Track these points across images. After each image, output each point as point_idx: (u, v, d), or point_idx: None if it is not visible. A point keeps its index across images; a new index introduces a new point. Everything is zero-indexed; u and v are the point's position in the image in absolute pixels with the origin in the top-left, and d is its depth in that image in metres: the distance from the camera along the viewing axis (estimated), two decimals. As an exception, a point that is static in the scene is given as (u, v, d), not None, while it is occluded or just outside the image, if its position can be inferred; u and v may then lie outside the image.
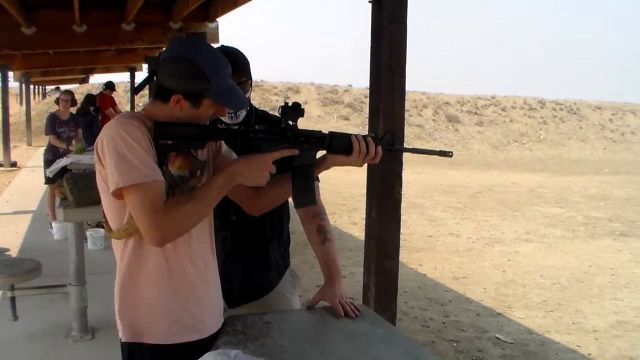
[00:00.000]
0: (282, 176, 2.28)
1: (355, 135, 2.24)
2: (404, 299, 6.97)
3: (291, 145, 2.16)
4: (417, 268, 8.67)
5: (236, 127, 2.66)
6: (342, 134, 2.25)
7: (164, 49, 2.09)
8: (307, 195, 2.25)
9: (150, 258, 2.07)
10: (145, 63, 13.05)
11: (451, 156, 2.37)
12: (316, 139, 2.22)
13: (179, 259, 2.11)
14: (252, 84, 2.74)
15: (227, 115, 2.62)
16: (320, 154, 2.30)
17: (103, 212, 2.12)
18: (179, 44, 2.07)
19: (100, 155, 1.97)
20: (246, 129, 2.19)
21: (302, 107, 2.20)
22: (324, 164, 2.30)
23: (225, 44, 2.67)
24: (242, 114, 2.67)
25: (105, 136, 1.95)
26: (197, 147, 2.13)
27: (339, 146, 2.23)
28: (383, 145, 2.28)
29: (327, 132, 2.24)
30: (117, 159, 1.90)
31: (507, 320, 6.68)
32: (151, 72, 2.09)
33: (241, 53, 2.65)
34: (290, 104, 2.19)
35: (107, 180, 1.96)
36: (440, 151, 2.36)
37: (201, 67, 1.99)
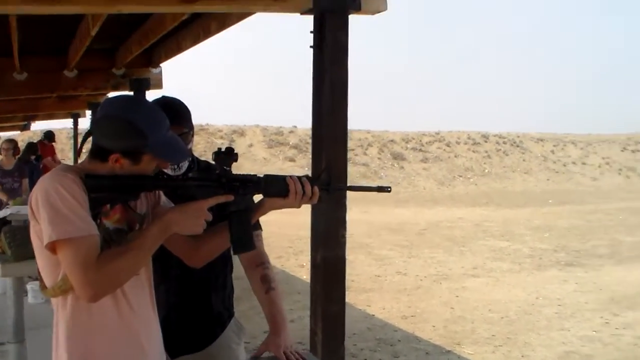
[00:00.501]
0: (219, 225, 2.26)
1: (291, 176, 2.23)
2: (352, 340, 6.96)
3: (226, 191, 2.15)
4: (365, 309, 8.66)
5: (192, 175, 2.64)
6: (277, 176, 2.24)
7: (100, 107, 2.07)
8: (245, 240, 2.23)
9: (90, 313, 2.02)
10: (89, 109, 12.91)
11: (389, 191, 2.36)
12: (251, 183, 2.20)
13: (120, 312, 2.07)
14: (194, 134, 2.74)
15: (170, 167, 2.60)
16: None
17: (37, 268, 2.07)
18: (112, 102, 2.06)
19: (34, 210, 1.94)
20: (179, 178, 2.17)
21: (235, 151, 2.19)
22: (261, 208, 2.29)
23: (166, 95, 2.67)
24: (185, 165, 2.66)
25: (40, 190, 1.92)
26: (130, 199, 2.11)
27: (275, 189, 2.22)
28: (319, 185, 2.27)
29: (262, 176, 2.24)
30: (51, 212, 1.87)
31: (457, 357, 6.71)
32: (87, 131, 2.08)
33: (182, 103, 2.65)
34: (223, 149, 2.18)
35: (40, 236, 1.92)
36: (378, 187, 2.35)
37: (137, 124, 1.98)
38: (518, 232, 16.76)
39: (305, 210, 3.53)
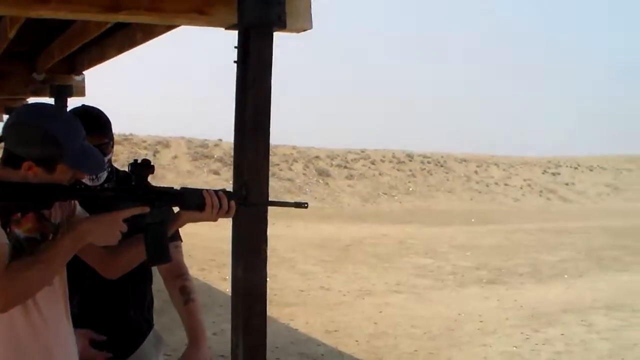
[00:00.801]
0: (136, 236, 2.21)
1: (207, 190, 2.21)
2: (275, 354, 6.89)
3: (142, 202, 2.11)
4: (288, 323, 8.61)
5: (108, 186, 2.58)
6: (194, 189, 2.22)
7: (13, 113, 2.01)
8: (161, 253, 2.19)
9: (2, 326, 1.94)
10: (6, 114, 12.57)
11: (306, 207, 2.37)
12: (168, 195, 2.19)
13: (32, 324, 2.00)
14: (114, 144, 2.68)
15: (88, 178, 2.54)
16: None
17: None
18: (28, 109, 2.04)
19: None
20: (94, 188, 2.13)
21: (151, 163, 2.17)
22: (178, 221, 2.27)
23: (86, 104, 2.64)
24: (103, 175, 2.61)
25: None
26: (43, 207, 2.05)
27: (191, 202, 2.20)
28: (237, 200, 2.25)
29: (179, 188, 2.22)
30: None
31: (379, 372, 6.71)
32: (0, 137, 2.01)
33: (102, 113, 2.63)
34: (139, 161, 2.15)
35: None
36: (295, 203, 2.37)
37: (53, 133, 1.93)
38: (441, 250, 16.96)
39: (228, 223, 3.49)
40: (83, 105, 2.63)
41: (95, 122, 2.53)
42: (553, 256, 16.21)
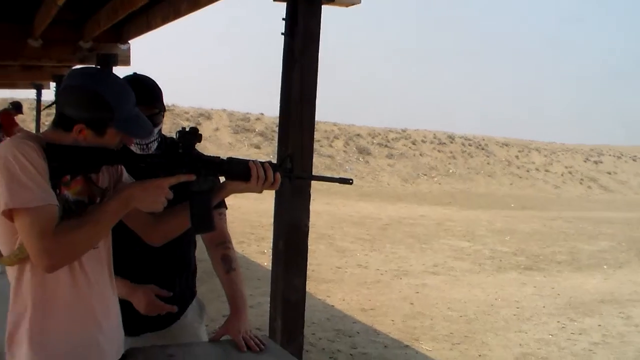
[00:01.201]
0: (180, 204, 2.22)
1: (254, 161, 2.20)
2: (311, 330, 6.90)
3: (189, 170, 2.11)
4: (325, 299, 8.62)
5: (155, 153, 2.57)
6: (240, 159, 2.21)
7: (66, 77, 2.02)
8: (205, 221, 2.19)
9: (47, 285, 1.98)
10: (54, 81, 12.68)
11: (351, 183, 2.35)
12: (214, 164, 2.18)
13: (76, 286, 2.03)
14: (164, 114, 2.67)
15: (138, 146, 2.54)
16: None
17: None
18: (80, 72, 2.02)
19: None
20: (142, 154, 2.12)
21: (199, 132, 2.16)
22: (223, 191, 2.26)
23: (138, 72, 2.62)
24: (153, 145, 2.59)
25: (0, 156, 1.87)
26: (91, 171, 2.07)
27: (237, 172, 2.19)
28: (282, 172, 2.24)
29: (225, 158, 2.21)
30: (8, 178, 1.83)
31: (415, 352, 6.69)
32: (53, 101, 2.02)
33: (154, 83, 2.63)
34: (187, 129, 2.15)
35: None
36: (340, 178, 2.35)
37: (104, 97, 1.95)
38: (479, 233, 16.84)
39: (269, 197, 3.47)
40: (135, 74, 2.61)
41: (148, 91, 2.54)
42: (592, 245, 15.99)
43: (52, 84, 13.54)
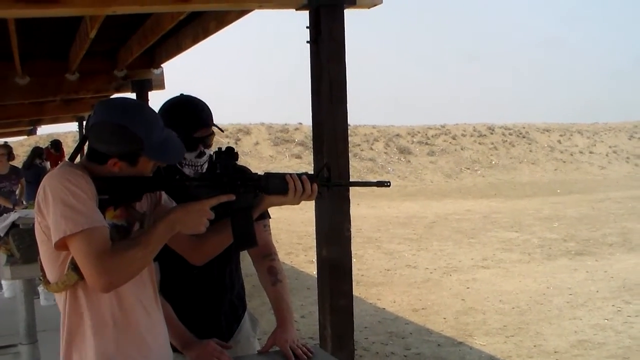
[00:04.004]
0: (220, 222, 2.26)
1: (290, 174, 2.25)
2: (364, 334, 6.94)
3: (228, 190, 2.17)
4: (375, 302, 8.64)
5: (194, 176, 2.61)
6: (277, 174, 2.26)
7: (92, 112, 2.07)
8: (248, 238, 2.25)
9: (95, 309, 2.04)
10: (92, 113, 12.91)
11: (389, 186, 2.38)
12: (252, 181, 2.24)
13: (123, 310, 2.08)
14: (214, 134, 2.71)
15: (191, 168, 2.59)
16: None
17: (40, 264, 2.07)
18: (105, 108, 2.06)
19: (41, 205, 1.95)
20: (181, 178, 2.18)
21: (235, 151, 2.22)
22: (261, 205, 2.31)
23: (188, 94, 2.65)
24: (205, 166, 2.63)
25: (49, 185, 1.93)
26: (134, 200, 2.13)
27: (275, 187, 2.25)
28: (319, 182, 2.28)
29: (262, 174, 2.26)
30: (62, 207, 1.88)
31: (469, 348, 6.68)
32: (83, 137, 2.08)
33: (203, 104, 2.63)
34: (223, 149, 2.21)
35: (46, 231, 1.94)
36: (377, 182, 2.38)
37: (131, 129, 2.00)
38: (527, 223, 16.70)
39: (313, 205, 3.51)
40: (182, 95, 2.64)
41: (199, 114, 2.57)
42: (644, 224, 15.76)
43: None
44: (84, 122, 17.03)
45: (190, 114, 2.56)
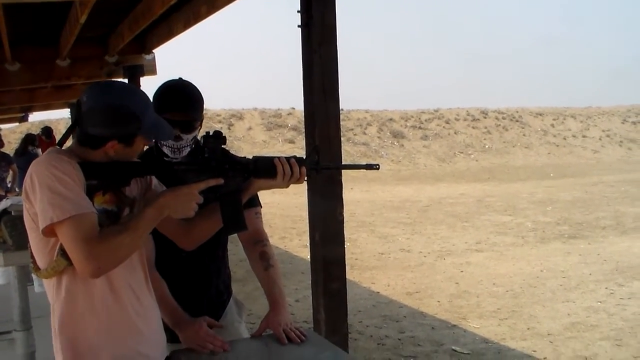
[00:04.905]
0: (209, 207, 2.27)
1: (279, 157, 2.25)
2: (358, 318, 6.95)
3: (216, 174, 2.17)
4: (370, 286, 8.66)
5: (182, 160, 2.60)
6: (265, 157, 2.26)
7: (83, 97, 2.05)
8: (237, 221, 2.25)
9: (85, 295, 2.04)
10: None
11: (378, 168, 2.39)
12: (240, 165, 2.24)
13: (114, 295, 2.08)
14: (202, 122, 2.70)
15: (169, 149, 2.59)
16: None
17: (30, 251, 2.06)
18: (100, 90, 2.05)
19: (29, 192, 1.94)
20: (170, 162, 2.17)
21: (223, 135, 2.22)
22: (250, 189, 2.31)
23: (183, 78, 2.64)
24: (186, 150, 2.62)
25: (36, 172, 1.93)
26: (123, 185, 2.12)
27: (263, 170, 2.25)
28: (308, 165, 2.28)
29: (250, 158, 2.26)
30: (49, 194, 1.88)
31: (463, 331, 6.70)
32: (74, 121, 2.06)
33: (195, 90, 2.62)
34: (211, 133, 2.20)
35: (35, 218, 1.94)
36: (367, 165, 2.38)
37: (133, 109, 2.00)
38: (520, 207, 16.75)
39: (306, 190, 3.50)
40: (177, 80, 2.62)
41: (177, 98, 2.55)
42: (636, 208, 15.80)
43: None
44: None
45: (168, 96, 2.55)
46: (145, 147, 2.30)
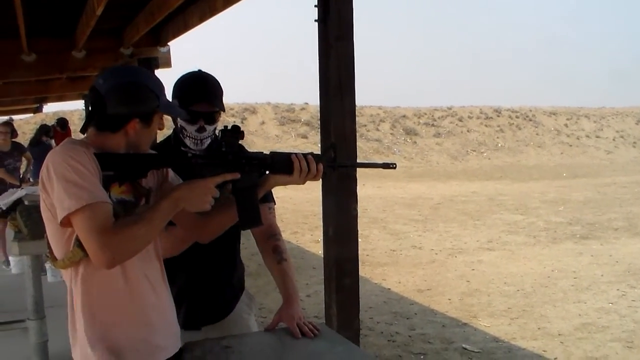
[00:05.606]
0: (224, 201, 2.27)
1: (296, 154, 2.25)
2: (369, 314, 6.96)
3: (232, 168, 2.17)
4: (381, 283, 8.66)
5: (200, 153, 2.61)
6: (282, 153, 2.26)
7: (99, 81, 2.07)
8: (252, 216, 2.24)
9: (101, 286, 2.05)
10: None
11: (394, 168, 2.38)
12: (257, 160, 2.23)
13: (129, 285, 2.09)
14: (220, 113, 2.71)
15: (192, 140, 2.62)
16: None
17: (47, 241, 2.07)
18: (119, 71, 2.09)
19: (45, 182, 1.95)
20: (187, 156, 2.18)
21: (240, 129, 2.22)
22: (266, 184, 2.31)
23: (203, 70, 2.67)
24: (207, 141, 2.64)
25: (52, 162, 1.93)
26: (139, 177, 2.13)
27: (280, 166, 2.24)
28: (324, 162, 2.28)
29: (268, 153, 2.26)
30: (65, 183, 1.89)
31: (473, 329, 6.69)
32: (94, 107, 2.06)
33: (213, 82, 2.65)
34: (229, 127, 2.20)
35: (51, 209, 1.95)
36: (384, 164, 2.38)
37: (151, 87, 2.05)
38: (532, 206, 16.69)
39: (318, 185, 3.51)
40: (199, 72, 2.66)
41: (201, 89, 2.59)
42: (649, 209, 15.72)
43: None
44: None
45: (192, 87, 2.58)
46: (163, 137, 2.31)
